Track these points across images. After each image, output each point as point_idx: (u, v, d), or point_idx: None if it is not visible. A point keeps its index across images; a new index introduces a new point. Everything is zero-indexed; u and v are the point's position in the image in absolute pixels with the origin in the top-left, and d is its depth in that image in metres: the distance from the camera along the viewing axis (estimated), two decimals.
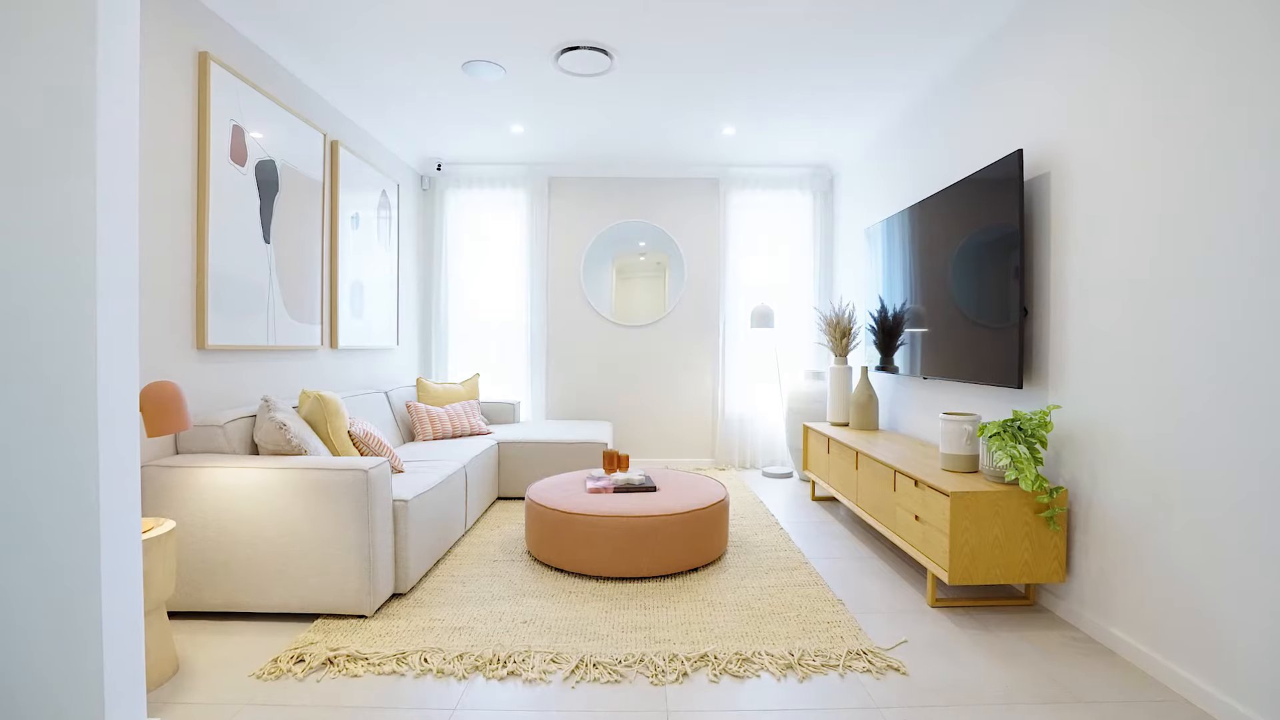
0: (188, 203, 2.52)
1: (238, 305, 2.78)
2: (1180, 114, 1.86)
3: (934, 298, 3.15)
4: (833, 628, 2.27)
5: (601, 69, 3.30)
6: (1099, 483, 2.17)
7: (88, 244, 1.28)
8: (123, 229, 1.35)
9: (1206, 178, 1.77)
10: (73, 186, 1.28)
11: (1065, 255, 2.34)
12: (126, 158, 1.36)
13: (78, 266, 1.28)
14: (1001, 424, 2.32)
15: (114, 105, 1.31)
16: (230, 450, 2.44)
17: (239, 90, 2.76)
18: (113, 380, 1.33)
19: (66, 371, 1.28)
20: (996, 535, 2.26)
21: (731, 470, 5.05)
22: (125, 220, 1.36)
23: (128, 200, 1.37)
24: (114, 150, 1.32)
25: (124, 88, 1.35)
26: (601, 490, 3.03)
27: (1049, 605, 2.39)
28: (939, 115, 3.33)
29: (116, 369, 1.34)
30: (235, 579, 2.26)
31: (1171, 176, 1.88)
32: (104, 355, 1.30)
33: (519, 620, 2.33)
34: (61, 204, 1.28)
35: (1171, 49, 1.89)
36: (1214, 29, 1.75)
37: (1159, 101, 1.93)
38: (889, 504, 2.82)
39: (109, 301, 1.31)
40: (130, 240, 1.38)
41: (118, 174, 1.33)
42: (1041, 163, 2.47)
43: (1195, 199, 1.81)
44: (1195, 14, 1.81)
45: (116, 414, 1.33)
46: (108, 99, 1.30)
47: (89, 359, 1.28)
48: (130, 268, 1.38)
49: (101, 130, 1.29)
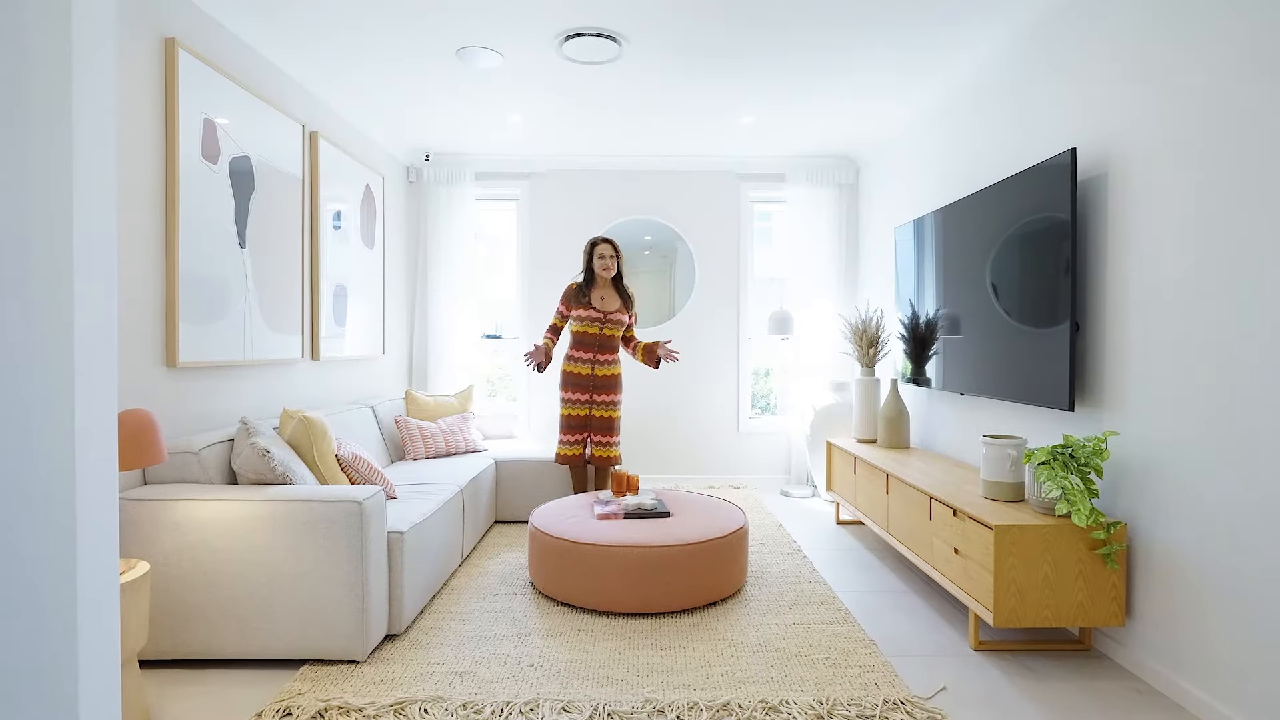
0: (155, 205, 2.47)
1: (212, 317, 2.74)
2: (1263, 104, 1.82)
3: (973, 306, 3.12)
4: (866, 672, 2.24)
5: (609, 56, 3.26)
6: (1163, 517, 2.14)
7: (64, 259, 1.23)
8: (101, 240, 1.31)
9: None
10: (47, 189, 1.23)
11: (1124, 264, 2.30)
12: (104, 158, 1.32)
13: (54, 280, 1.23)
14: (1051, 451, 2.28)
15: (91, 102, 1.27)
16: (206, 479, 2.40)
17: (210, 80, 2.71)
18: (91, 411, 1.28)
19: (41, 396, 1.24)
20: (1046, 573, 2.23)
21: (747, 490, 5.03)
22: (103, 231, 1.31)
23: (105, 207, 1.32)
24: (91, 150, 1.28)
25: (100, 82, 1.30)
26: (610, 516, 3.00)
27: (1107, 651, 2.37)
28: (979, 106, 3.30)
29: (95, 396, 1.29)
30: (213, 623, 2.22)
31: (1252, 174, 1.84)
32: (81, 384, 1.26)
33: (525, 663, 2.30)
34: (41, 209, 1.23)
35: (1249, 32, 1.85)
36: None
37: (1234, 90, 1.89)
38: (924, 534, 2.79)
39: (86, 326, 1.27)
40: (109, 253, 1.34)
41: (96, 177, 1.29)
42: (1097, 161, 2.43)
43: (1277, 200, 1.77)
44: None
45: (94, 447, 1.29)
46: (84, 96, 1.25)
47: (66, 383, 1.24)
48: (109, 283, 1.34)
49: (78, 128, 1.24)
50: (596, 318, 3.66)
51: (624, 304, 3.73)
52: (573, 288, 3.74)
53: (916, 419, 4.00)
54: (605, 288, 3.74)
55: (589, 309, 3.66)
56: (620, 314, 3.70)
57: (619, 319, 3.70)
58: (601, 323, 3.67)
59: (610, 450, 3.75)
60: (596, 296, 3.71)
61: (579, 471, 3.88)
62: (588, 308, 3.67)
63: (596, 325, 3.67)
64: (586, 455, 3.77)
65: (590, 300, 3.70)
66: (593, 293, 3.72)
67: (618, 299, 3.73)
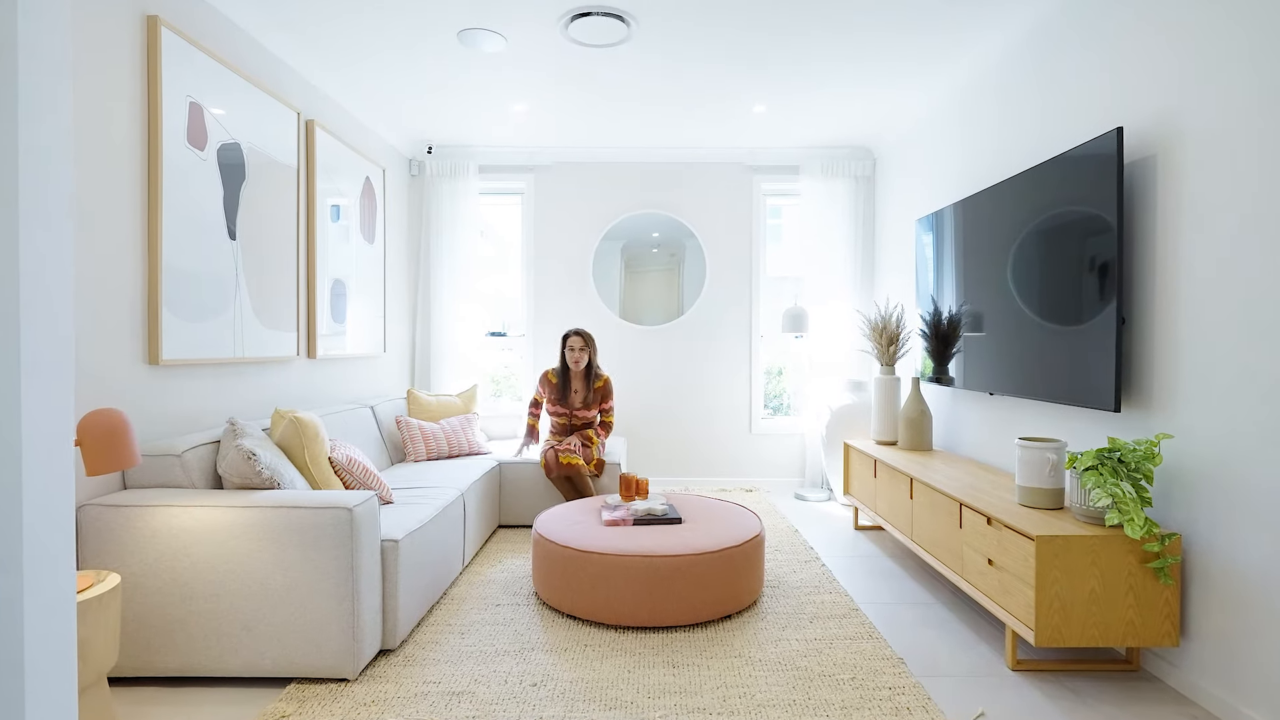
0: (136, 192, 2.33)
1: (198, 312, 2.59)
2: None
3: (1002, 301, 2.94)
4: (895, 695, 2.07)
5: (617, 38, 3.10)
6: (1222, 529, 1.95)
7: (7, 245, 1.08)
8: (52, 225, 1.15)
9: None
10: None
11: (1178, 255, 2.12)
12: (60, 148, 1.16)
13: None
14: (1097, 455, 2.10)
15: (38, 55, 1.11)
16: (189, 484, 2.25)
17: (196, 61, 2.57)
18: (40, 411, 1.13)
19: None
20: (1093, 588, 2.05)
21: (760, 493, 4.85)
22: (56, 215, 1.16)
23: (57, 186, 1.17)
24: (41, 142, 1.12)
25: (51, 37, 1.15)
26: (619, 522, 2.83)
27: (1157, 672, 2.18)
28: (1007, 89, 3.11)
29: (48, 395, 1.14)
30: (193, 638, 2.07)
31: None
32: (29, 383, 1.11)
33: (528, 682, 2.14)
34: None
35: None
36: None
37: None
38: (954, 542, 2.61)
39: (35, 319, 1.12)
40: (61, 240, 1.18)
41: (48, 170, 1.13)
42: (1146, 143, 2.25)
43: None
44: None
45: (45, 452, 1.14)
46: (30, 49, 1.10)
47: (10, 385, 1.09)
48: (63, 273, 1.18)
49: (23, 116, 1.09)
50: (564, 413, 3.95)
51: (593, 397, 3.95)
52: (549, 378, 3.97)
53: (939, 420, 3.82)
54: (579, 380, 3.97)
55: (557, 405, 3.95)
56: (585, 411, 3.94)
57: (585, 415, 3.95)
58: (569, 418, 3.95)
59: (573, 458, 3.70)
60: (571, 389, 3.94)
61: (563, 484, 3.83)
62: (555, 403, 3.96)
63: (565, 419, 3.96)
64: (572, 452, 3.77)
65: (563, 395, 3.93)
66: (570, 383, 3.94)
67: (586, 392, 3.94)
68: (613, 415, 4.04)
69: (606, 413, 4.01)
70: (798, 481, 4.99)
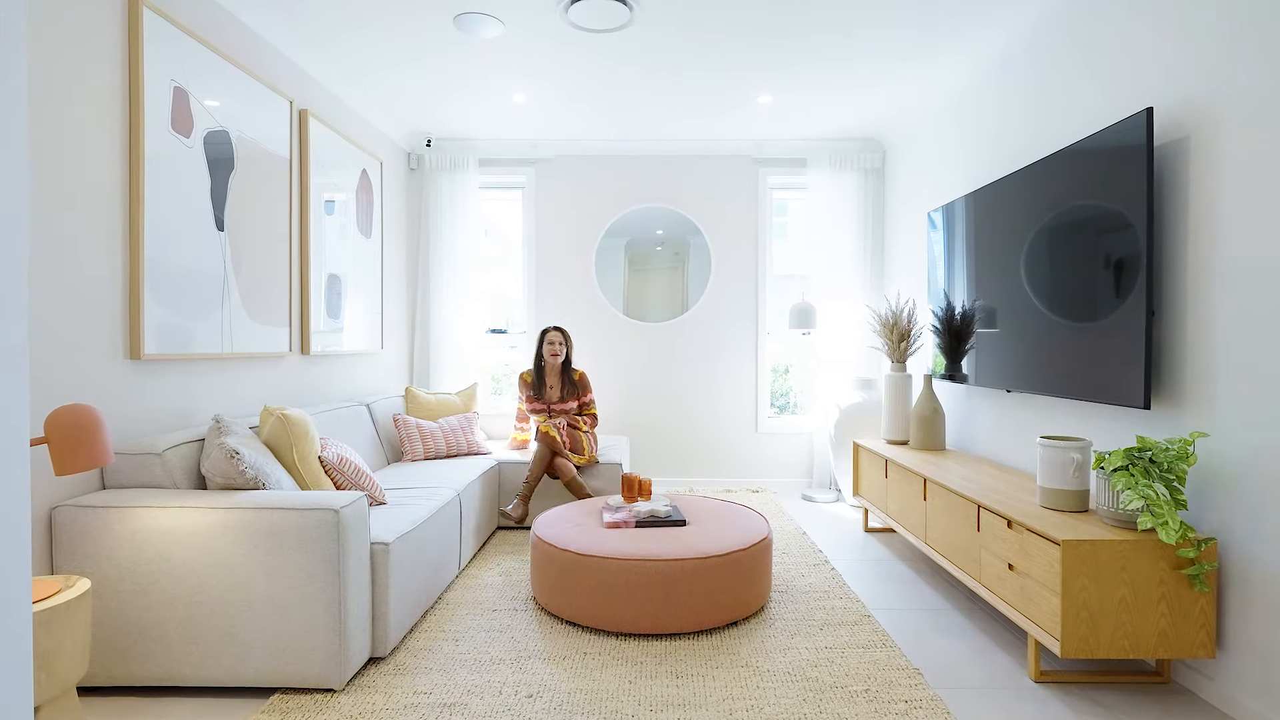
0: (116, 180, 2.23)
1: (184, 305, 2.50)
2: None
3: (1019, 295, 2.81)
4: (913, 709, 1.96)
5: (619, 22, 2.99)
6: (1262, 533, 1.83)
7: None
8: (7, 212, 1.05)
9: None
10: None
11: (1212, 239, 2.00)
12: None
13: None
14: (1127, 455, 1.98)
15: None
16: (170, 484, 2.16)
17: (181, 44, 2.47)
18: None
19: None
20: (1123, 596, 1.93)
21: (766, 494, 4.73)
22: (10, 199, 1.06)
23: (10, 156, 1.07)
24: None
25: None
26: (621, 524, 2.73)
27: (1190, 685, 2.06)
28: (1023, 74, 2.99)
29: None
30: (172, 646, 1.97)
31: None
32: None
33: (523, 693, 2.03)
34: None
35: None
36: None
37: None
38: (971, 546, 2.49)
39: None
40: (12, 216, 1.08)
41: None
42: (1176, 124, 2.12)
43: None
44: None
45: None
46: None
47: None
48: (17, 263, 1.08)
49: None
50: (542, 409, 3.96)
51: (570, 391, 3.96)
52: (525, 379, 4.01)
53: (952, 418, 3.69)
54: (554, 375, 3.99)
55: (534, 402, 3.97)
56: (562, 404, 3.95)
57: (563, 409, 3.95)
58: (548, 413, 3.95)
59: (550, 429, 3.63)
60: (547, 385, 3.98)
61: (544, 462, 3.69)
62: (532, 401, 3.98)
63: (544, 415, 3.96)
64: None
65: (539, 390, 3.97)
66: (545, 379, 3.98)
67: (562, 386, 3.96)
68: (594, 407, 4.03)
69: (588, 405, 4.00)
70: (805, 482, 4.87)
